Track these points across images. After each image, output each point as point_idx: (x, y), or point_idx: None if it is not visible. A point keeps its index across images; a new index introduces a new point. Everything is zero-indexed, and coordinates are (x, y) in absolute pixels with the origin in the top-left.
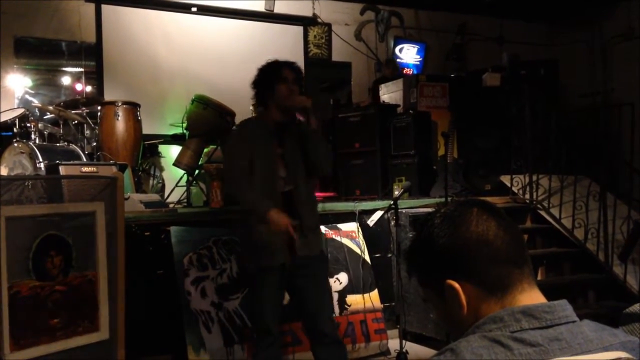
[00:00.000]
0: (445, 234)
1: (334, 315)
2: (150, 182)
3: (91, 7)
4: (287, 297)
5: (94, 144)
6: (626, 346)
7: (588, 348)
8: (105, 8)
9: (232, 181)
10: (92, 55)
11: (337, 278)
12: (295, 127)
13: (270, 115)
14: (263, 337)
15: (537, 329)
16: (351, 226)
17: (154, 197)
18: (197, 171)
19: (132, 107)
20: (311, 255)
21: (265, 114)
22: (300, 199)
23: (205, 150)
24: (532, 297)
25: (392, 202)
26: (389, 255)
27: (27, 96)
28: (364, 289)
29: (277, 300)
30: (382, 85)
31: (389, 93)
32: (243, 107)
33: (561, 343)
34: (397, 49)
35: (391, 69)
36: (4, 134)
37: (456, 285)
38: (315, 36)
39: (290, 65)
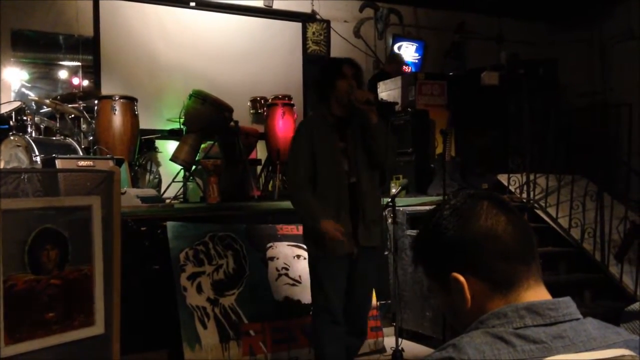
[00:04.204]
0: (454, 227)
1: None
2: (147, 177)
3: (89, 0)
4: (282, 294)
5: (91, 138)
6: (629, 345)
7: (591, 346)
8: (103, 2)
9: (293, 186)
10: (89, 49)
11: None
12: (356, 121)
13: (331, 110)
14: (331, 328)
15: (541, 326)
16: None
17: (151, 192)
18: (194, 167)
19: (129, 102)
20: (370, 246)
21: (326, 110)
22: (363, 191)
23: (203, 145)
24: (537, 294)
25: (389, 200)
26: (386, 252)
27: (23, 89)
28: None
29: (342, 289)
30: (381, 83)
31: (387, 91)
32: (241, 102)
33: (564, 340)
34: (395, 47)
35: (395, 66)
36: (0, 127)
37: (461, 278)
38: (313, 33)
39: (349, 62)
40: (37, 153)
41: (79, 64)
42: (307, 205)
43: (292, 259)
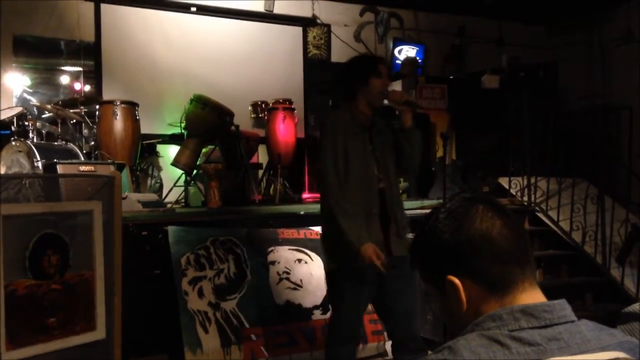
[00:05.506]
0: (449, 230)
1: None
2: (148, 181)
3: (90, 6)
4: (283, 298)
5: (92, 143)
6: (624, 346)
7: (586, 348)
8: (105, 7)
9: (328, 191)
10: (90, 54)
11: None
12: (382, 122)
13: (360, 109)
14: (346, 346)
15: (536, 328)
16: None
17: (152, 196)
18: (195, 171)
19: (131, 107)
20: (402, 256)
21: (354, 109)
22: (393, 197)
23: (204, 150)
24: (532, 296)
25: None
26: None
27: (25, 95)
28: None
29: (366, 303)
30: None
31: None
32: (241, 106)
33: (559, 343)
34: (396, 51)
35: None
36: (2, 132)
37: (457, 281)
38: (314, 37)
39: (384, 61)
40: (38, 158)
41: (80, 69)
42: (349, 219)
43: (293, 263)
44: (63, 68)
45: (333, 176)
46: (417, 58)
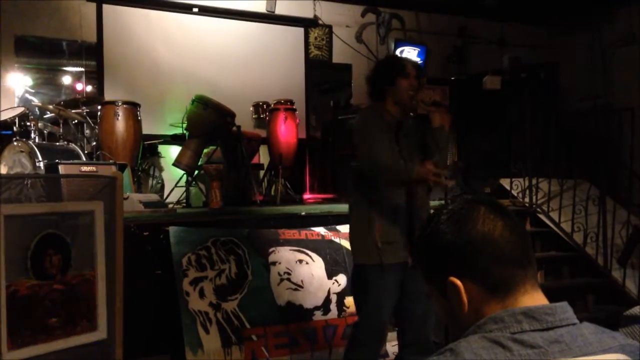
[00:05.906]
0: (451, 231)
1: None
2: (150, 182)
3: (92, 6)
4: (284, 299)
5: (94, 143)
6: (625, 349)
7: (587, 350)
8: (107, 8)
9: (368, 151)
10: (92, 54)
11: (335, 280)
12: (410, 123)
13: (388, 109)
14: (371, 346)
15: (538, 331)
16: None
17: (153, 197)
18: (196, 171)
19: (132, 107)
20: None
21: (382, 109)
22: (419, 196)
23: (205, 150)
24: (534, 298)
25: None
26: None
27: (27, 95)
28: None
29: (393, 302)
30: None
31: None
32: (243, 107)
33: (561, 345)
34: (397, 52)
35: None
36: (3, 132)
37: (458, 282)
38: (316, 38)
39: (412, 62)
40: (40, 158)
41: (82, 69)
42: (396, 164)
43: (294, 263)
44: (65, 68)
45: (373, 147)
46: (419, 59)
